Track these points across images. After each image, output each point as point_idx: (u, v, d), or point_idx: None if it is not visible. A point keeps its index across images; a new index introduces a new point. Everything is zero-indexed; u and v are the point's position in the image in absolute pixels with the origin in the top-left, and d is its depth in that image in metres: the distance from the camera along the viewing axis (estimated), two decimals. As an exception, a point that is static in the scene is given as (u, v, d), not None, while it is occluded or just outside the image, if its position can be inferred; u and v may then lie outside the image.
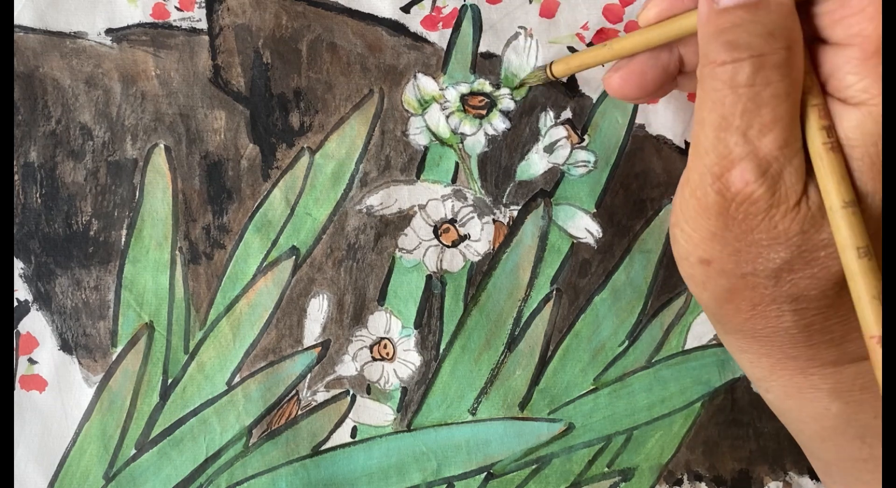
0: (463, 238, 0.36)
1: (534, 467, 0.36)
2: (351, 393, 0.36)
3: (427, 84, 0.35)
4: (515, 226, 0.36)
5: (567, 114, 0.36)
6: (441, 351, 0.36)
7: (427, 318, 0.36)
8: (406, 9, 0.35)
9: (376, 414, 0.36)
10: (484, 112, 0.35)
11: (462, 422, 0.36)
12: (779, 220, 0.23)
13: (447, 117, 0.35)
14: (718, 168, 0.23)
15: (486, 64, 0.35)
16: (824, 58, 0.24)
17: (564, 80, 0.35)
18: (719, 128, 0.23)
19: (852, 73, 0.23)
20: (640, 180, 0.36)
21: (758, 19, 0.23)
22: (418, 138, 0.35)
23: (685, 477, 0.37)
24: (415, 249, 0.36)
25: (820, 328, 0.25)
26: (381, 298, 0.36)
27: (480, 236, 0.36)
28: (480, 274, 0.36)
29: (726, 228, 0.24)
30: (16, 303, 0.35)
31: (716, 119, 0.23)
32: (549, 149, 0.36)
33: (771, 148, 0.23)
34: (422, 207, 0.36)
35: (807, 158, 0.24)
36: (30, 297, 0.35)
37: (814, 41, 0.24)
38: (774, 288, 0.24)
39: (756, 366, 0.28)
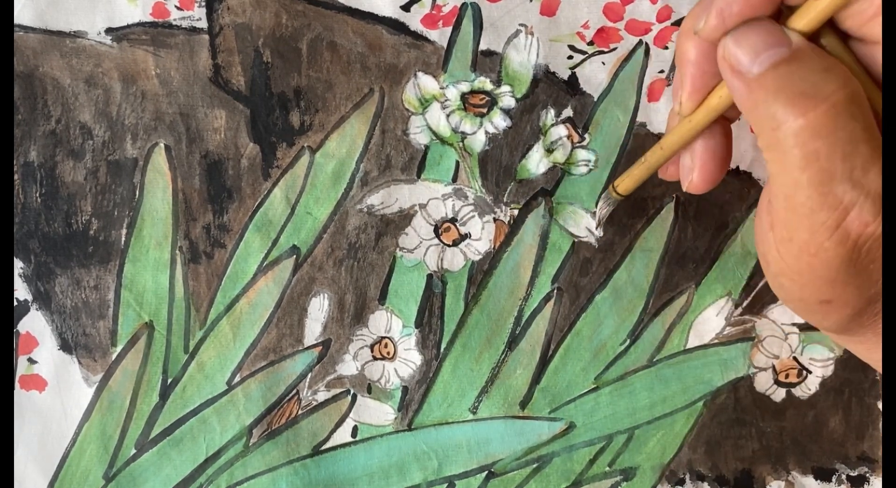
0: (464, 237, 0.36)
1: (535, 466, 0.36)
2: (352, 392, 0.36)
3: (427, 83, 0.35)
4: (516, 224, 0.36)
5: (568, 112, 0.35)
6: (442, 350, 0.36)
7: (428, 317, 0.36)
8: (406, 7, 0.35)
9: (377, 413, 0.36)
10: (484, 110, 0.35)
11: (463, 421, 0.36)
12: None
13: (448, 116, 0.35)
14: (833, 220, 0.22)
15: (486, 62, 0.35)
16: (864, 53, 0.23)
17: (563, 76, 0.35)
18: (821, 183, 0.22)
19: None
20: (641, 179, 0.36)
21: (805, 67, 0.22)
22: (419, 137, 0.35)
23: (687, 477, 0.37)
24: (415, 248, 0.36)
25: None
26: (382, 297, 0.36)
27: (481, 235, 0.36)
28: (481, 273, 0.36)
29: (851, 272, 0.23)
30: (15, 303, 0.34)
31: (814, 175, 0.22)
32: (550, 147, 0.36)
33: (877, 181, 0.22)
34: (422, 206, 0.35)
35: None
36: (29, 297, 0.35)
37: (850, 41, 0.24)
38: None
39: None
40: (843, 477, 0.37)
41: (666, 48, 0.36)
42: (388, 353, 0.36)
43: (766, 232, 0.25)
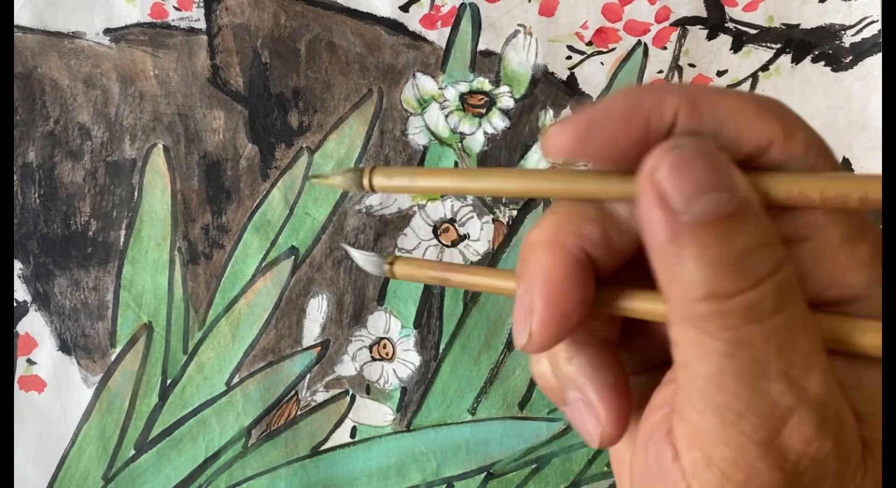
0: (462, 238, 0.36)
1: (533, 466, 0.36)
2: (350, 393, 0.36)
3: (426, 83, 0.35)
4: (515, 225, 0.36)
5: (567, 112, 0.35)
6: (440, 351, 0.36)
7: (426, 318, 0.36)
8: (405, 8, 0.35)
9: (376, 414, 0.36)
10: (483, 111, 0.35)
11: (462, 422, 0.36)
12: (849, 481, 0.17)
13: (446, 116, 0.35)
14: (765, 432, 0.17)
15: (485, 62, 0.35)
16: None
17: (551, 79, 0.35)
18: (752, 378, 0.17)
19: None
20: (640, 179, 0.36)
21: (751, 229, 0.17)
22: (417, 138, 0.35)
23: (686, 477, 0.37)
24: (414, 249, 0.36)
25: None
26: (381, 298, 0.36)
27: (480, 236, 0.36)
28: (480, 273, 0.36)
29: None
30: (14, 304, 0.34)
31: (742, 367, 0.17)
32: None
33: (820, 385, 0.17)
34: (421, 207, 0.35)
35: None
36: (28, 298, 0.35)
37: None
38: None
39: None
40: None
41: (664, 48, 0.35)
42: (387, 354, 0.36)
43: (665, 463, 0.18)
